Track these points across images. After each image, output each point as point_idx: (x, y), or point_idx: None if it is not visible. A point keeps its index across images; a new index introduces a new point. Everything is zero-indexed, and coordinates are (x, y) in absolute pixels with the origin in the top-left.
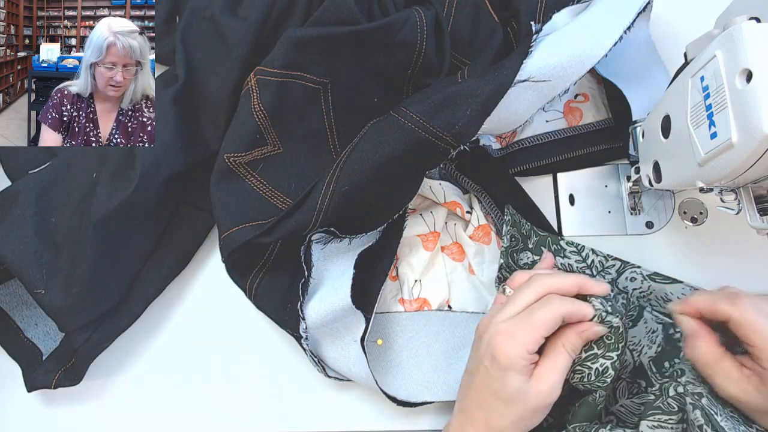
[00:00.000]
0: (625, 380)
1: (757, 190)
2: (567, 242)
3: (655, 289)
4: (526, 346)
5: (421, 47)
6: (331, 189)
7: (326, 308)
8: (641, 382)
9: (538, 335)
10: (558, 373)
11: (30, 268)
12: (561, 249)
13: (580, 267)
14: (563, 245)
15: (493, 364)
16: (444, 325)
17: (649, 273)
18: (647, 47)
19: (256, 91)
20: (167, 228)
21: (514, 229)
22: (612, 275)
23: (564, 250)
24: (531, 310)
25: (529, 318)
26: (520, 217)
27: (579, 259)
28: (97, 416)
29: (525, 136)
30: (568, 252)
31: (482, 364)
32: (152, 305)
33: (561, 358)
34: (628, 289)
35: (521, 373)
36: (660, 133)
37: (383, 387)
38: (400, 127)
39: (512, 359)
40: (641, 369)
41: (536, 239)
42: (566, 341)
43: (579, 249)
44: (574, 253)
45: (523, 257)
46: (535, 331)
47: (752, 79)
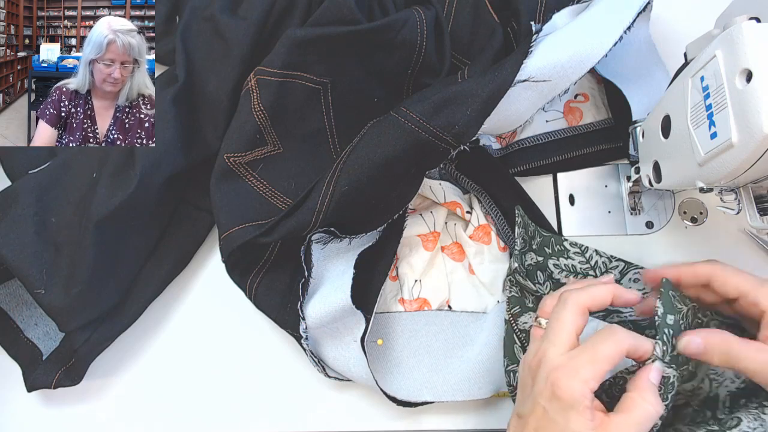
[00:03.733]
0: (693, 408)
1: (757, 190)
2: (571, 243)
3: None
4: (590, 384)
5: (421, 47)
6: (331, 189)
7: (326, 308)
8: (708, 413)
9: (602, 371)
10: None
11: (30, 268)
12: (564, 250)
13: (584, 268)
14: (567, 246)
15: (553, 402)
16: (444, 325)
17: None
18: (647, 47)
19: (256, 91)
20: (167, 228)
21: (523, 231)
22: (616, 276)
23: (567, 251)
24: (593, 342)
25: (593, 352)
26: (528, 219)
27: (583, 260)
28: (97, 416)
29: (525, 136)
30: (572, 253)
31: (538, 404)
32: (152, 305)
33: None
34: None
35: (584, 415)
36: (660, 133)
37: (383, 387)
38: (400, 127)
39: (576, 398)
40: (715, 400)
41: (540, 240)
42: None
43: (583, 250)
44: (577, 254)
45: (528, 258)
46: (599, 367)
47: (752, 79)
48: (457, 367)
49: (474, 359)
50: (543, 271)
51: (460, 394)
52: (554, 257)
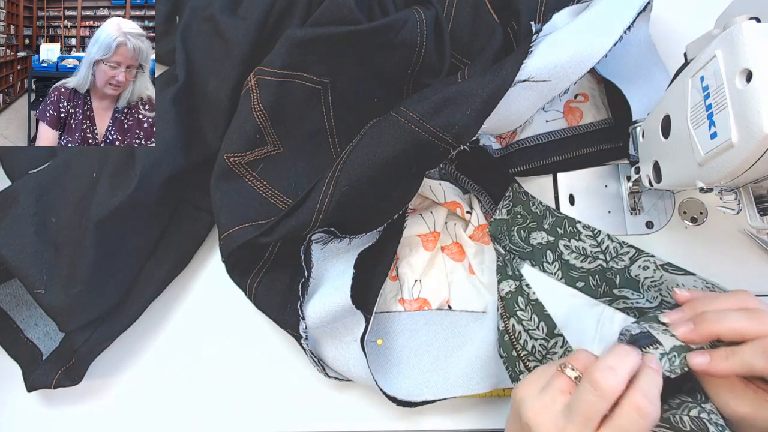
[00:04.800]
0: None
1: (757, 190)
2: (584, 225)
3: (666, 279)
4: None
5: (421, 47)
6: (331, 189)
7: (326, 308)
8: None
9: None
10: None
11: (30, 268)
12: (577, 232)
13: (594, 251)
14: (579, 228)
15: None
16: (444, 325)
17: (662, 263)
18: (647, 47)
19: (256, 91)
20: (167, 228)
21: (519, 207)
22: (625, 262)
23: (580, 233)
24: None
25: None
26: (529, 196)
27: (594, 243)
28: (97, 416)
29: (525, 136)
30: (584, 236)
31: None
32: (152, 305)
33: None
34: (639, 277)
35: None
36: (660, 133)
37: (383, 387)
38: (400, 127)
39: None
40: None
41: (552, 220)
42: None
43: (595, 234)
44: (589, 237)
45: (537, 237)
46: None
47: (752, 79)
48: (456, 365)
49: (473, 356)
50: (553, 251)
51: (460, 389)
52: (566, 238)
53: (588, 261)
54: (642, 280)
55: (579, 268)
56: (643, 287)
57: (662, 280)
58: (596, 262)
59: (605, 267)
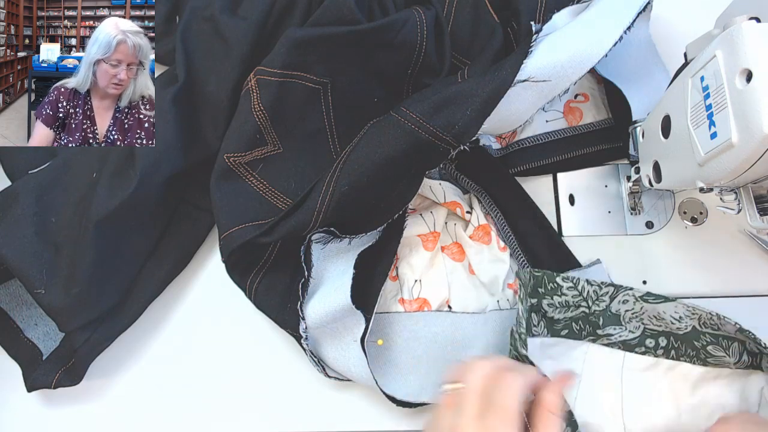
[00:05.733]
0: None
1: (757, 190)
2: (563, 278)
3: (647, 309)
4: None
5: (421, 47)
6: (331, 189)
7: (326, 308)
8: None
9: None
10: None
11: (30, 268)
12: (558, 287)
13: (576, 300)
14: (559, 282)
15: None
16: (444, 326)
17: (641, 294)
18: (647, 47)
19: (256, 91)
20: (167, 228)
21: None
22: (606, 302)
23: (560, 288)
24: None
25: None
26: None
27: (576, 293)
28: (97, 416)
29: (525, 136)
30: (565, 289)
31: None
32: (152, 305)
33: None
34: (620, 311)
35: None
36: (660, 133)
37: (383, 387)
38: (400, 127)
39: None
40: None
41: (532, 282)
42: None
43: (575, 283)
44: (570, 289)
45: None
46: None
47: (752, 79)
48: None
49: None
50: (537, 313)
51: None
52: (548, 296)
53: (571, 310)
54: (623, 314)
55: (563, 319)
56: (624, 320)
57: (643, 311)
58: (579, 310)
59: (588, 312)
